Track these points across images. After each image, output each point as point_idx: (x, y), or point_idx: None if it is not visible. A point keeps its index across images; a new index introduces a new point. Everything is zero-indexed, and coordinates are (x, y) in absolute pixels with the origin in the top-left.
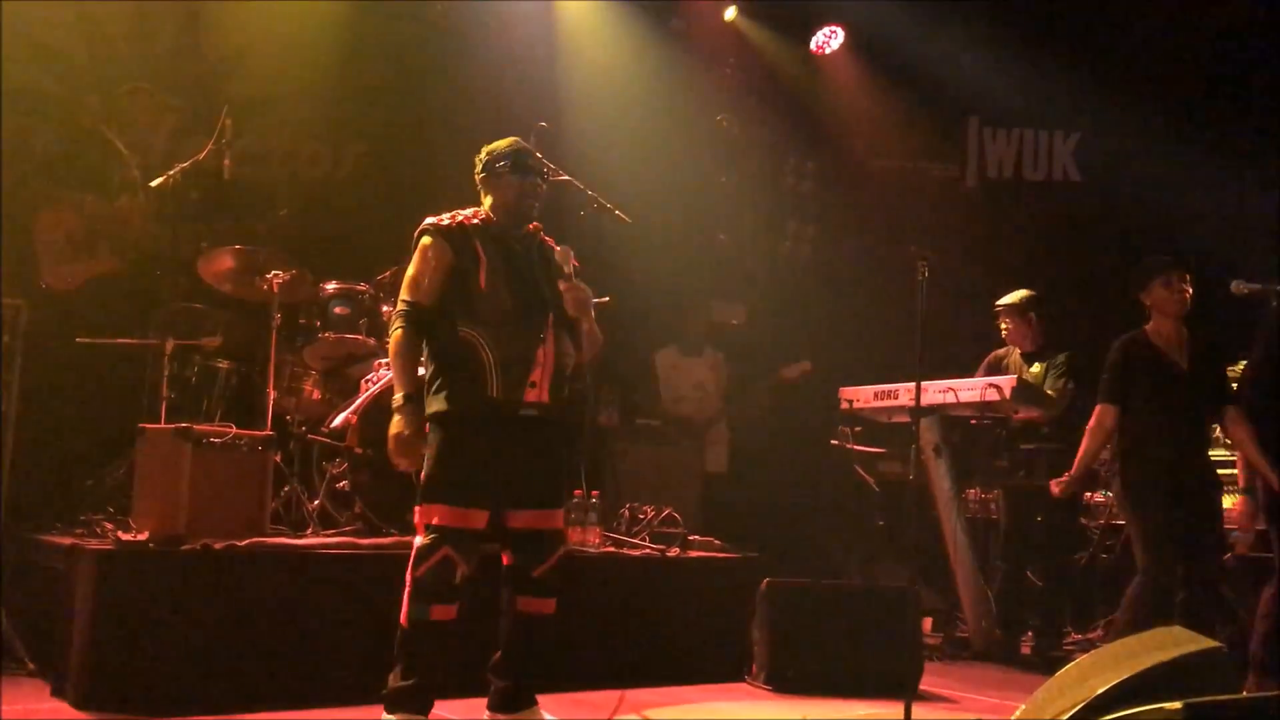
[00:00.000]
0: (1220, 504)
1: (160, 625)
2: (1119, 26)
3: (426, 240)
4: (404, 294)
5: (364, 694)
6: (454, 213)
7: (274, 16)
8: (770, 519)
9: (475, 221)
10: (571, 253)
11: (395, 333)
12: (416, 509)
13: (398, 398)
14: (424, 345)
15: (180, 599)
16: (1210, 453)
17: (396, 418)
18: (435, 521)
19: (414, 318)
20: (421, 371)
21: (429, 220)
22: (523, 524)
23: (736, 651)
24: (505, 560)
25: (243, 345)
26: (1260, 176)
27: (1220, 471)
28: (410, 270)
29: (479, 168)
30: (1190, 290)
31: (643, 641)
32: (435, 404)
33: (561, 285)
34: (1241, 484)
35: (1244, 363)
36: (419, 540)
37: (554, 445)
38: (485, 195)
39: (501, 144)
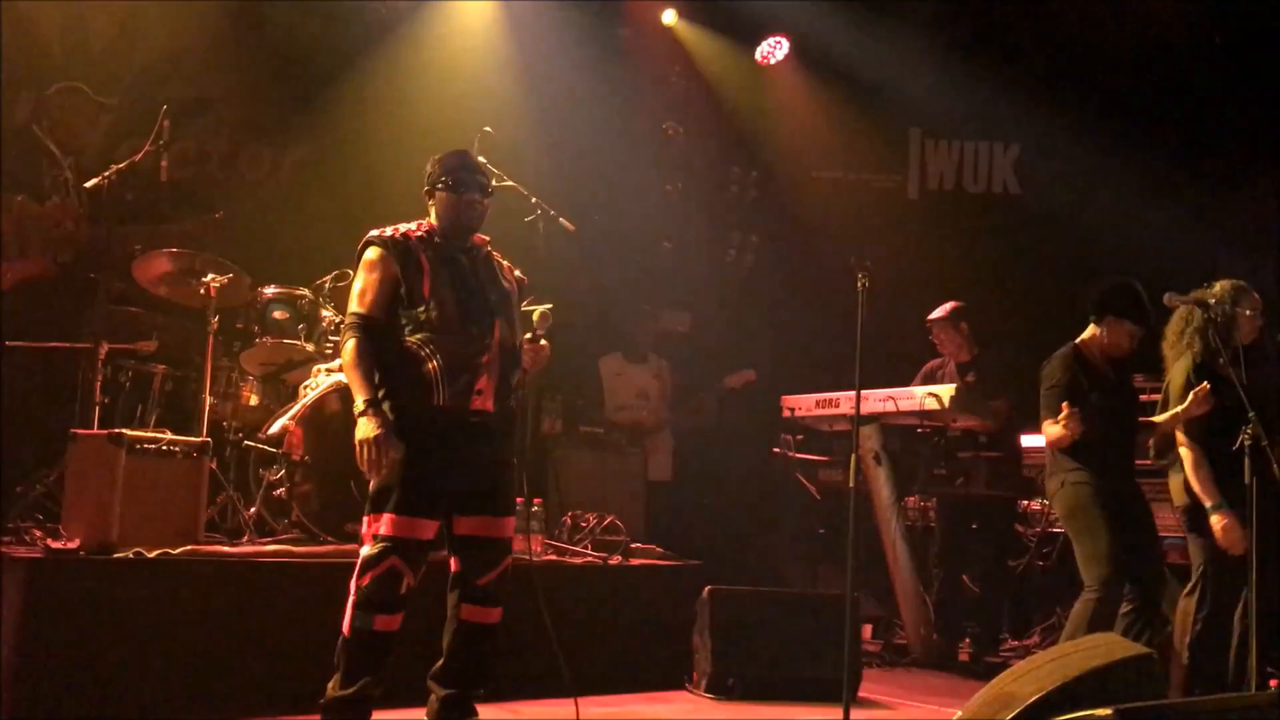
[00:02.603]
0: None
1: (91, 635)
2: (1059, 40)
3: (370, 253)
4: (352, 306)
5: (299, 704)
6: (397, 225)
7: (213, 16)
8: (712, 527)
9: (419, 234)
10: (550, 318)
11: (349, 342)
12: (365, 519)
13: (360, 403)
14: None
15: (112, 608)
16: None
17: (363, 422)
18: (383, 531)
19: (364, 328)
20: None
21: (372, 232)
22: (470, 530)
23: (678, 659)
24: (453, 567)
25: (178, 350)
26: (1195, 190)
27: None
28: (356, 284)
29: (425, 180)
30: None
31: (584, 649)
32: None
33: (528, 343)
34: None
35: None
36: (366, 550)
37: (503, 453)
38: (430, 207)
39: (445, 157)
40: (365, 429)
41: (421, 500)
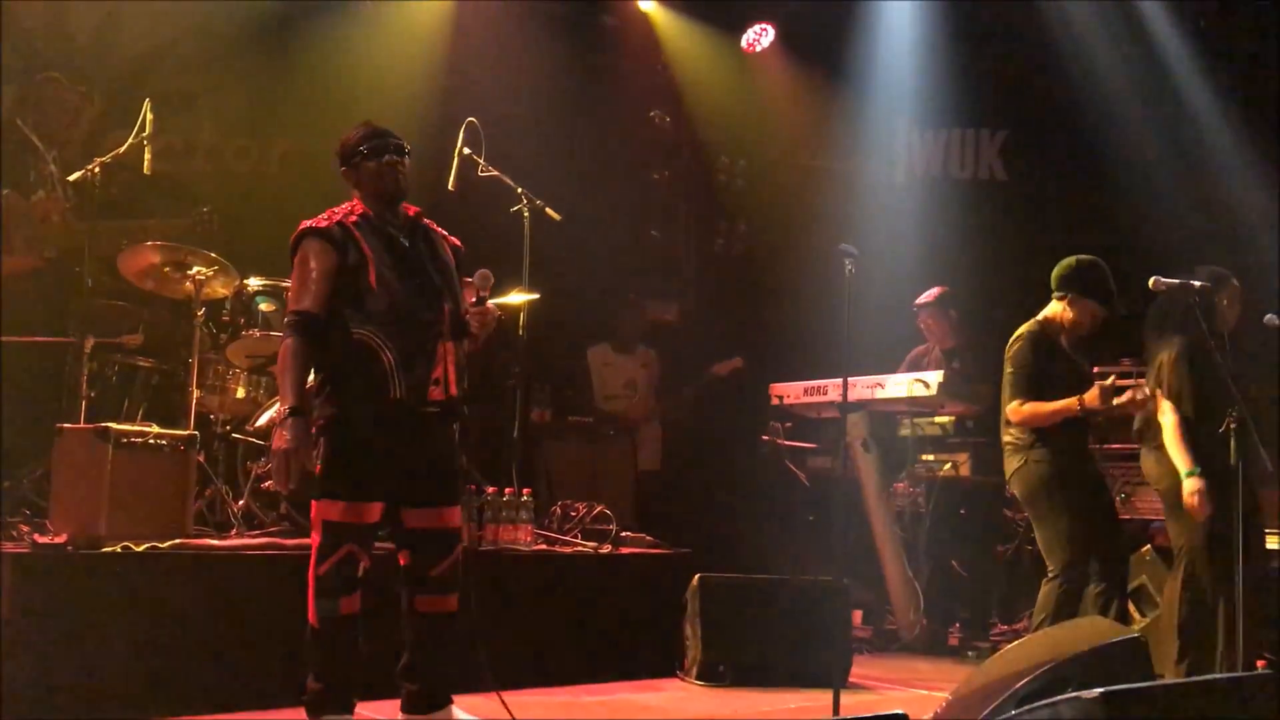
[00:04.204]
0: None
1: (79, 630)
2: (1044, 26)
3: (306, 245)
4: (292, 304)
5: (289, 697)
6: (329, 211)
7: (197, 11)
8: (702, 515)
9: (354, 217)
10: (491, 277)
11: (286, 341)
12: (312, 504)
13: (283, 409)
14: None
15: (100, 603)
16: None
17: (281, 432)
18: (332, 518)
19: (304, 327)
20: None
21: (306, 223)
22: (419, 523)
23: (668, 647)
24: (402, 560)
25: (165, 343)
26: (1181, 177)
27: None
28: (294, 279)
29: (339, 163)
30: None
31: (575, 638)
32: (328, 409)
33: (472, 307)
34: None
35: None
36: (316, 538)
37: (449, 442)
38: (352, 188)
39: (352, 130)
40: (281, 439)
41: (366, 484)
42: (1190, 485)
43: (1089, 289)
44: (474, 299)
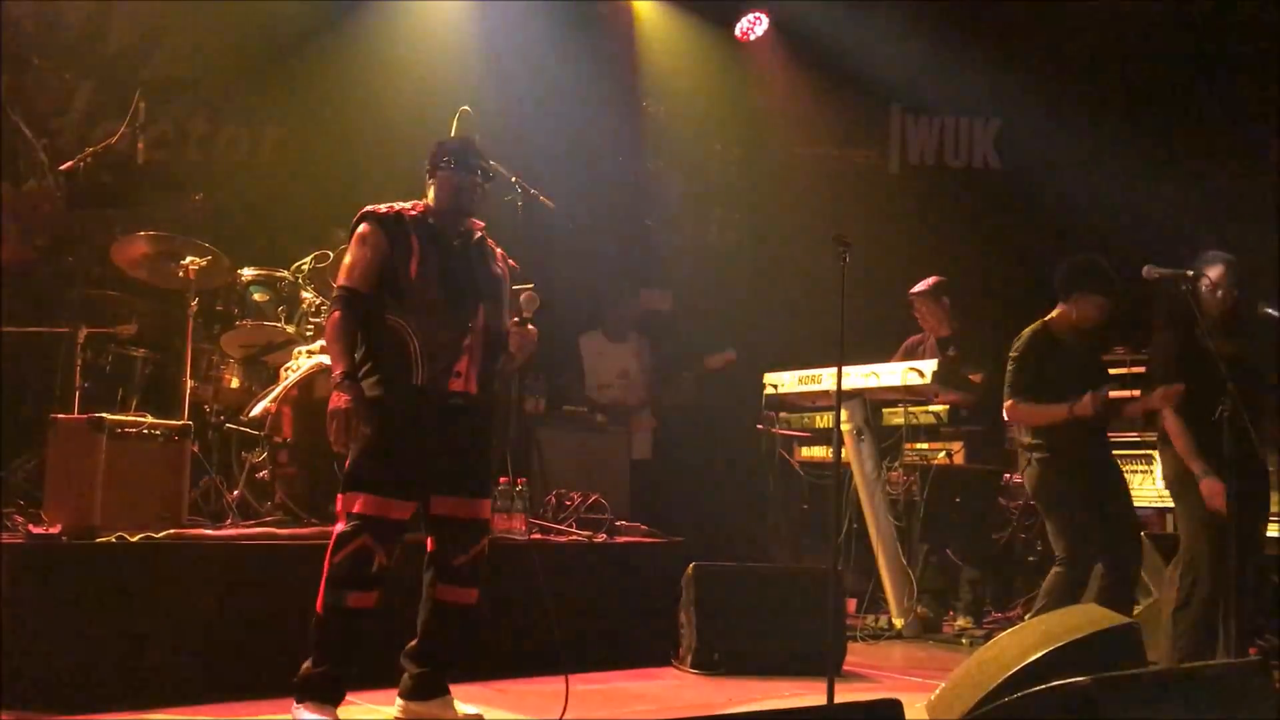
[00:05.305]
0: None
1: (74, 620)
2: (1039, 14)
3: (363, 228)
4: (341, 279)
5: (283, 686)
6: (392, 204)
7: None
8: (696, 504)
9: (413, 213)
10: (537, 300)
11: (332, 314)
12: (339, 496)
13: (337, 374)
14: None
15: (95, 593)
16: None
17: (336, 394)
18: (356, 510)
19: (350, 302)
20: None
21: (367, 208)
22: (446, 511)
23: (663, 635)
24: (429, 546)
25: (158, 333)
26: (1177, 163)
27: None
28: (347, 258)
29: (427, 160)
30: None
31: (570, 627)
32: (367, 389)
33: (514, 326)
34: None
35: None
36: (339, 527)
37: (481, 435)
38: (429, 187)
39: (448, 139)
40: (338, 399)
41: (396, 482)
42: (1206, 488)
43: (1092, 285)
44: (515, 320)
